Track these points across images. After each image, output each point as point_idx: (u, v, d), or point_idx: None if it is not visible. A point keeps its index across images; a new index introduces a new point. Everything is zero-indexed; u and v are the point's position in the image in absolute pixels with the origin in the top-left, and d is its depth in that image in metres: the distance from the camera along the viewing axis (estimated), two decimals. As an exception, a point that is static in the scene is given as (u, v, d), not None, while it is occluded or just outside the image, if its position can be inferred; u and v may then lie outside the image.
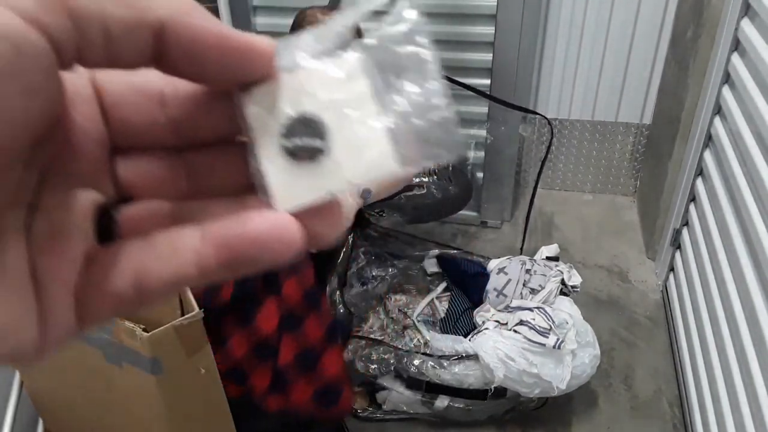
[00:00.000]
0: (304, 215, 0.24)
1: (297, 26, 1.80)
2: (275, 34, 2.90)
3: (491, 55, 2.48)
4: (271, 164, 0.25)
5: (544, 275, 2.01)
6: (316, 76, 0.25)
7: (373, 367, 1.87)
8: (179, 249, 0.24)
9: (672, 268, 2.29)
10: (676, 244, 2.23)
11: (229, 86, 0.25)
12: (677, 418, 1.93)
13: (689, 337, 1.94)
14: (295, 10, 2.61)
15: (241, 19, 2.63)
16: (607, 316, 2.28)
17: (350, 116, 0.25)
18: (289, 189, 0.25)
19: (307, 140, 0.25)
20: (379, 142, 0.25)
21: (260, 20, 2.67)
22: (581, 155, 2.89)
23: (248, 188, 0.26)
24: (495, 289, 2.02)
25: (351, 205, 1.54)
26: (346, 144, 0.25)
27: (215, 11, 2.64)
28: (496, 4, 2.38)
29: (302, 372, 1.57)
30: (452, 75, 2.34)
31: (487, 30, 2.45)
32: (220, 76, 0.24)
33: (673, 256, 2.27)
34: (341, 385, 1.63)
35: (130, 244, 0.25)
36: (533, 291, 1.98)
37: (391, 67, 0.25)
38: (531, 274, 2.02)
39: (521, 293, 1.98)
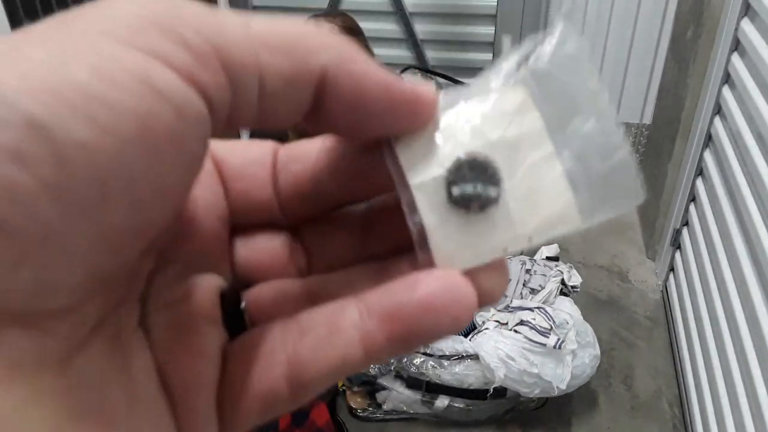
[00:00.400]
0: (473, 272, 0.21)
1: None
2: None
3: (491, 55, 2.48)
4: (435, 217, 0.21)
5: (544, 275, 2.01)
6: (480, 110, 0.21)
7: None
8: (340, 328, 0.20)
9: (672, 268, 2.29)
10: (676, 244, 2.22)
11: (380, 138, 0.21)
12: (677, 418, 1.93)
13: (689, 336, 1.94)
14: (296, 10, 2.62)
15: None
16: (607, 316, 2.28)
17: (524, 158, 0.21)
18: (457, 246, 0.21)
19: (479, 187, 0.21)
20: (560, 190, 0.21)
21: (260, 20, 2.66)
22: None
23: (381, 256, 0.23)
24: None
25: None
26: (522, 191, 0.21)
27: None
28: (496, 4, 2.38)
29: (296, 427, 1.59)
30: (452, 75, 2.34)
31: (487, 30, 2.45)
32: (379, 129, 0.20)
33: (673, 256, 2.26)
34: None
35: (273, 331, 0.21)
36: (533, 291, 1.98)
37: (558, 100, 0.21)
38: (531, 274, 2.02)
39: (521, 293, 1.98)
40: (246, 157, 0.23)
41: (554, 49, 0.21)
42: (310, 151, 0.23)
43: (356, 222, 0.24)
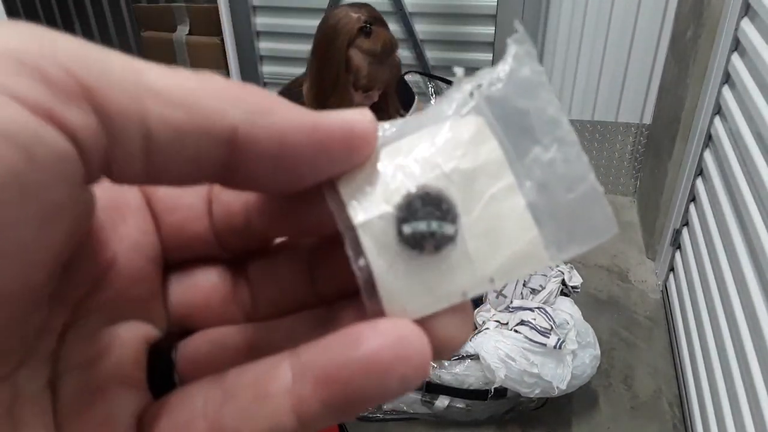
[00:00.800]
0: (428, 320, 0.18)
1: (328, 27, 1.71)
2: (276, 34, 2.88)
3: (491, 55, 2.48)
4: (383, 260, 0.18)
5: (545, 275, 2.01)
6: (432, 141, 0.19)
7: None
8: (268, 392, 0.17)
9: (672, 268, 2.28)
10: (676, 244, 2.22)
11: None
12: (677, 418, 1.92)
13: (689, 337, 1.93)
14: (296, 9, 2.62)
15: (241, 18, 2.63)
16: (607, 316, 2.28)
17: (483, 190, 0.19)
18: (410, 293, 0.18)
19: (433, 224, 0.18)
20: (524, 226, 0.19)
21: (260, 20, 2.67)
22: (581, 155, 2.88)
23: (329, 297, 0.21)
24: (495, 290, 2.01)
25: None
26: (481, 228, 0.19)
27: (215, 11, 2.64)
28: (496, 4, 2.38)
29: None
30: (453, 75, 2.34)
31: (487, 30, 2.45)
32: (315, 176, 0.18)
33: (673, 256, 2.26)
34: None
35: (195, 393, 0.18)
36: (533, 291, 1.98)
37: (516, 128, 0.20)
38: (531, 274, 2.02)
39: (521, 293, 1.98)
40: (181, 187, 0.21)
41: (509, 73, 0.20)
42: None
43: (303, 257, 0.22)
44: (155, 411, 0.18)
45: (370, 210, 0.18)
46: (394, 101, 1.86)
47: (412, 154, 0.19)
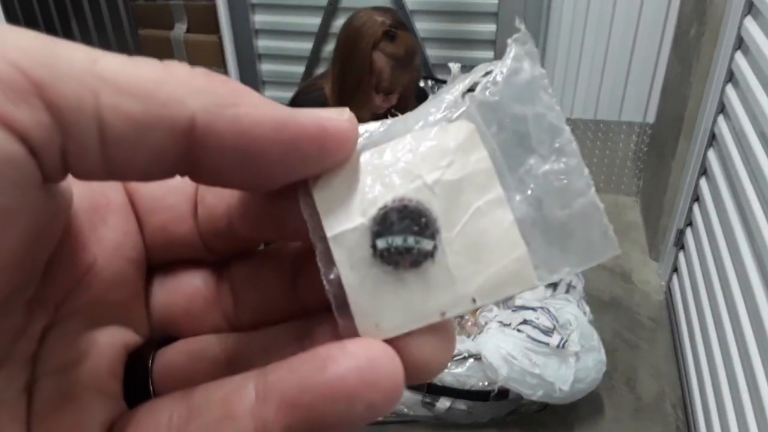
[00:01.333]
0: (404, 340, 0.17)
1: (352, 29, 1.74)
2: (276, 32, 2.88)
3: (493, 53, 2.47)
4: (356, 275, 0.17)
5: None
6: (417, 147, 0.18)
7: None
8: (233, 413, 0.16)
9: (675, 269, 2.27)
10: (680, 245, 2.21)
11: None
12: (680, 420, 1.91)
13: (693, 338, 1.92)
14: (295, 7, 2.61)
15: (240, 16, 2.62)
16: (609, 317, 2.27)
17: (468, 204, 0.18)
18: (384, 311, 0.17)
19: (410, 239, 0.17)
20: (511, 242, 0.18)
21: (259, 18, 2.66)
22: (583, 154, 2.81)
23: (311, 307, 0.20)
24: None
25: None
26: (464, 244, 0.18)
27: (213, 9, 2.63)
28: (497, 1, 2.37)
29: None
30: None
31: (488, 28, 2.44)
32: (285, 176, 0.17)
33: (676, 257, 2.25)
34: None
35: (162, 408, 0.18)
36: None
37: (509, 137, 0.18)
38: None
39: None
40: (164, 185, 0.20)
41: (507, 76, 0.18)
42: None
43: (287, 264, 0.21)
44: (123, 423, 0.18)
45: (344, 222, 0.18)
46: (413, 104, 1.87)
47: (394, 162, 0.18)
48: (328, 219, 0.18)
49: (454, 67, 0.20)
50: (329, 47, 2.61)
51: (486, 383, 1.80)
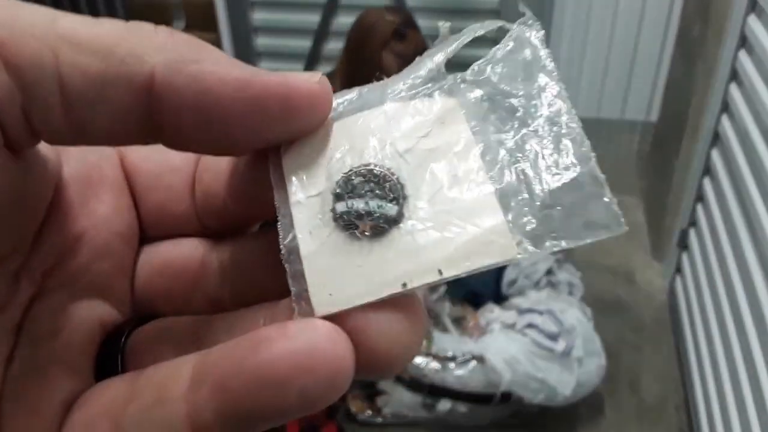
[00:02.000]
0: (357, 321, 0.15)
1: (362, 28, 1.76)
2: (276, 31, 2.88)
3: (494, 52, 2.46)
4: (314, 240, 0.16)
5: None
6: (390, 118, 0.18)
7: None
8: (166, 397, 0.16)
9: (679, 270, 2.26)
10: (683, 245, 2.20)
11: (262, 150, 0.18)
12: (684, 423, 1.90)
13: (696, 340, 1.91)
14: (295, 5, 2.60)
15: (239, 13, 2.62)
16: (612, 319, 2.25)
17: (443, 173, 0.17)
18: (338, 277, 0.16)
19: (372, 204, 0.17)
20: (488, 213, 0.17)
21: (259, 16, 2.65)
22: (586, 154, 2.87)
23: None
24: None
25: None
26: (434, 211, 0.17)
27: (211, 6, 2.62)
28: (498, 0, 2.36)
29: None
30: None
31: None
32: (246, 141, 0.17)
33: (679, 258, 2.23)
34: None
35: (110, 388, 0.17)
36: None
37: (503, 109, 0.18)
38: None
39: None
40: (163, 164, 0.20)
41: (505, 55, 0.18)
42: (223, 159, 0.20)
43: (276, 244, 0.19)
44: (79, 403, 0.17)
45: (308, 188, 0.17)
46: None
47: (368, 130, 0.18)
48: (293, 184, 0.17)
49: (443, 27, 0.20)
50: (329, 45, 2.60)
51: (488, 386, 1.79)
